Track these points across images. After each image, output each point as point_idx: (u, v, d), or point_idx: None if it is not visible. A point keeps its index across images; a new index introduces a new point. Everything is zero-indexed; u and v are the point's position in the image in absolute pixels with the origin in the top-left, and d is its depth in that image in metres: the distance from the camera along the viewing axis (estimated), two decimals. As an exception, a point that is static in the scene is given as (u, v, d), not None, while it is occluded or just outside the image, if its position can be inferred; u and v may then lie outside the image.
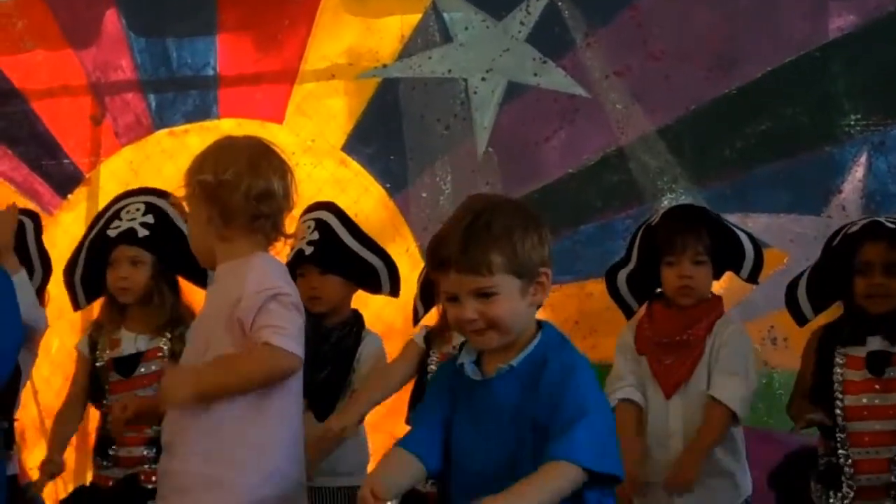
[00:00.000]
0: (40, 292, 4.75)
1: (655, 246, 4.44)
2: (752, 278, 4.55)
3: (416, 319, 4.68)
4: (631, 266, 4.51)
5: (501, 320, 3.11)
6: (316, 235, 4.53)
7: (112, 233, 4.47)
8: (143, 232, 4.42)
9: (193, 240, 3.56)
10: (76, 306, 4.71)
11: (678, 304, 4.40)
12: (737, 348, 4.38)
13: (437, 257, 3.14)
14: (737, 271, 4.52)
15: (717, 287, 4.75)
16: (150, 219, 4.42)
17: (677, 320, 4.37)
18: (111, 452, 4.50)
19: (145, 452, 4.45)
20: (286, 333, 3.32)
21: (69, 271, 4.63)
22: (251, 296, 3.35)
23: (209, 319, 3.49)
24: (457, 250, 3.08)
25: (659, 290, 4.50)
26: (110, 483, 4.50)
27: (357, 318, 4.66)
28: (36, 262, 4.75)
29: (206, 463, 3.37)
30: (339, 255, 4.53)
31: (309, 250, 4.51)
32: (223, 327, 3.39)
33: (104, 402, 4.53)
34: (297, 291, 3.51)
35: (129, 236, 4.43)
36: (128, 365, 4.48)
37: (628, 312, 4.57)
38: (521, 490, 2.95)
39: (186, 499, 3.38)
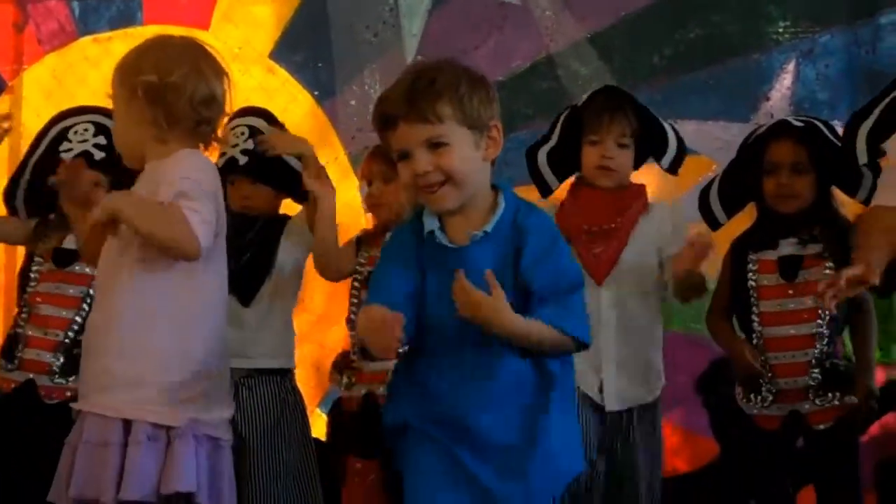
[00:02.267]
0: None
1: (579, 124, 4.38)
2: (673, 169, 4.49)
3: None
4: (552, 143, 4.46)
5: (456, 171, 3.15)
6: (250, 144, 4.53)
7: (66, 155, 4.46)
8: (99, 154, 4.44)
9: (122, 139, 3.55)
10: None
11: (597, 185, 4.34)
12: (680, 234, 4.32)
13: (383, 115, 3.18)
14: (658, 160, 4.46)
15: (648, 185, 4.83)
16: (102, 140, 4.43)
17: (605, 207, 4.31)
18: (17, 353, 4.51)
19: (52, 360, 4.47)
20: (199, 219, 3.32)
21: (10, 190, 4.64)
22: (170, 184, 3.37)
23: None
24: (403, 103, 3.13)
25: (578, 174, 4.45)
26: (11, 387, 4.50)
27: (284, 217, 4.66)
28: None
29: (125, 360, 3.39)
30: (272, 166, 4.52)
31: (243, 160, 4.51)
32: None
33: (27, 289, 4.56)
34: (220, 187, 3.53)
35: (86, 159, 4.38)
36: (66, 258, 4.52)
37: (545, 191, 4.48)
38: (526, 321, 3.10)
39: (107, 396, 3.39)
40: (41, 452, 3.92)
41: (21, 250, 4.82)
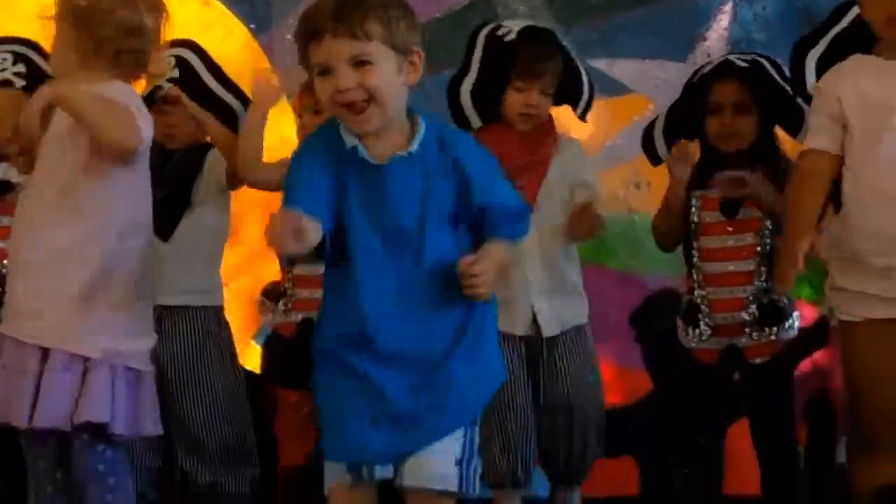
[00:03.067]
0: None
1: (505, 61, 4.31)
2: (583, 117, 4.49)
3: None
4: (473, 78, 4.37)
5: (380, 91, 3.09)
6: (176, 73, 4.43)
7: None
8: (19, 82, 4.35)
9: (54, 63, 3.55)
10: None
11: (516, 128, 4.31)
12: (585, 165, 4.40)
13: (310, 26, 3.12)
14: (573, 106, 4.45)
15: (582, 131, 4.78)
16: (21, 68, 4.36)
17: (522, 143, 4.29)
18: None
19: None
20: (139, 115, 3.38)
21: None
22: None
23: (53, 138, 3.47)
24: (332, 16, 3.06)
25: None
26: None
27: (205, 144, 4.55)
28: None
29: (46, 288, 3.36)
30: (198, 95, 4.43)
31: (168, 86, 4.41)
32: (65, 139, 3.41)
33: None
34: (150, 118, 3.52)
35: (5, 86, 4.35)
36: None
37: (465, 127, 4.35)
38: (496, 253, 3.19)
39: (26, 322, 3.38)
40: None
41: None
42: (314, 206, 3.07)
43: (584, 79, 4.45)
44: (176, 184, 4.41)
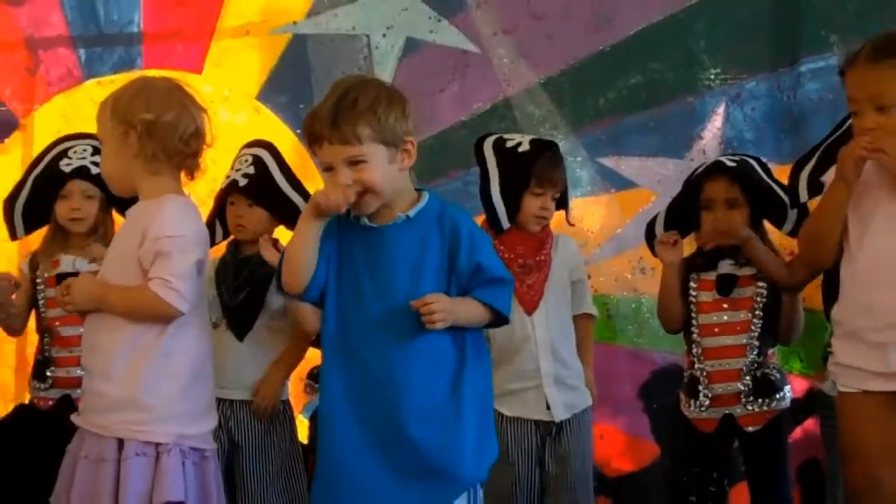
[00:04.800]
0: None
1: (523, 172, 4.34)
2: (568, 217, 4.52)
3: None
4: (498, 183, 4.36)
5: (373, 184, 3.22)
6: (252, 170, 4.48)
7: (66, 168, 4.43)
8: (95, 170, 4.36)
9: (114, 168, 3.53)
10: (13, 236, 4.59)
11: (529, 229, 4.34)
12: (580, 264, 4.48)
13: (311, 133, 3.26)
14: (566, 211, 4.47)
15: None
16: (98, 158, 4.34)
17: (531, 244, 4.32)
18: (49, 374, 4.44)
19: (81, 374, 4.38)
20: (170, 286, 3.36)
21: (10, 203, 4.52)
22: (152, 241, 3.38)
23: (120, 251, 3.50)
24: (328, 125, 3.20)
25: None
26: (50, 403, 4.44)
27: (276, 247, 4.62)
28: None
29: (120, 385, 3.37)
30: (268, 191, 4.49)
31: (242, 182, 4.46)
32: (132, 260, 3.42)
33: (42, 316, 4.46)
34: (205, 231, 3.54)
35: (82, 172, 4.41)
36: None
37: (499, 229, 4.34)
38: (464, 301, 3.24)
39: (101, 416, 3.38)
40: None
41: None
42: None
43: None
44: (252, 291, 4.42)
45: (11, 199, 4.54)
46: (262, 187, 4.47)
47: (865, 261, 3.33)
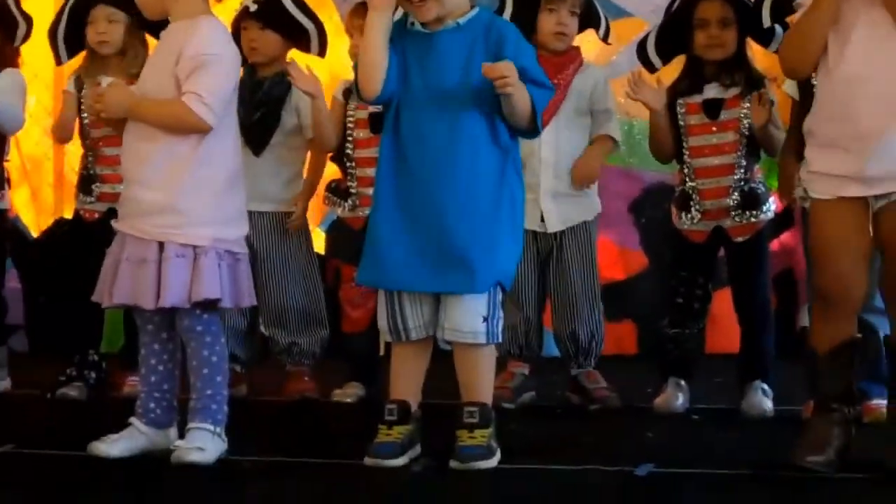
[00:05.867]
0: (24, 40, 4.69)
1: None
2: (606, 38, 4.57)
3: None
4: (510, 9, 4.39)
5: None
6: None
7: None
8: None
9: None
10: (59, 61, 4.66)
11: (550, 48, 4.35)
12: (607, 93, 4.48)
13: None
14: (596, 29, 4.52)
15: (589, 51, 4.83)
16: None
17: (550, 65, 4.24)
18: (94, 188, 4.53)
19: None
20: (201, 101, 3.37)
21: (53, 31, 4.58)
22: (189, 59, 3.39)
23: (155, 69, 3.51)
24: None
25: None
26: (95, 216, 4.53)
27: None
28: (19, 18, 4.64)
29: (160, 192, 3.40)
30: (278, 14, 4.53)
31: (253, 8, 4.52)
32: (168, 77, 3.43)
33: (87, 136, 4.55)
34: (237, 52, 3.55)
35: None
36: None
37: None
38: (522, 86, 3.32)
39: (143, 221, 3.42)
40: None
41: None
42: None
43: (600, 9, 4.53)
44: (267, 108, 4.51)
45: (53, 28, 4.60)
46: (272, 12, 4.51)
47: (846, 71, 3.27)
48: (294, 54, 4.62)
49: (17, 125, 4.62)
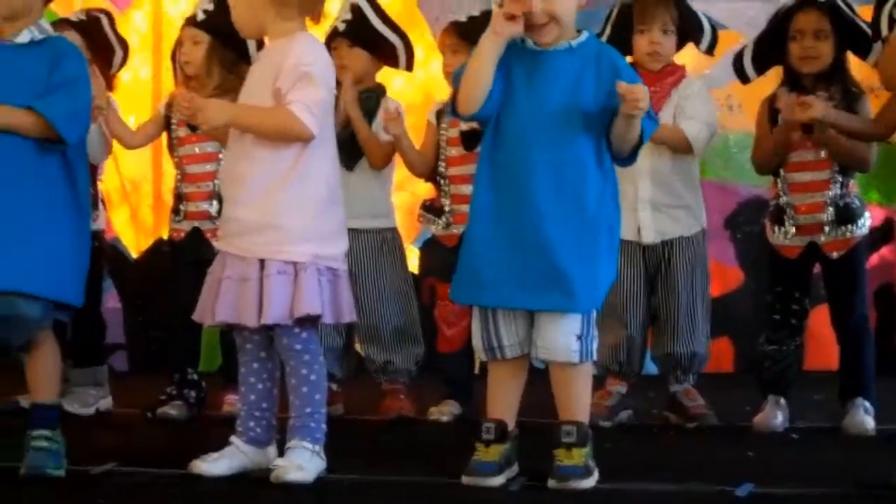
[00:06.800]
0: (121, 66, 4.83)
1: (630, 19, 4.45)
2: (710, 51, 4.57)
3: None
4: (606, 35, 4.46)
5: (561, 14, 3.35)
6: (349, 16, 4.61)
7: (174, 13, 4.70)
8: (201, 16, 4.42)
9: (245, 11, 3.53)
10: (176, 84, 4.76)
11: (647, 67, 4.38)
12: (697, 99, 4.46)
13: None
14: (697, 43, 4.54)
15: (683, 60, 4.81)
16: (209, 5, 4.40)
17: (647, 81, 4.14)
18: (181, 208, 4.61)
19: (208, 207, 4.55)
20: (307, 109, 3.38)
21: (173, 54, 4.74)
22: (290, 69, 3.41)
23: (255, 86, 3.52)
24: None
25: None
26: (182, 235, 4.61)
27: (379, 87, 4.72)
28: (116, 45, 4.78)
29: (259, 210, 3.42)
30: (366, 33, 4.61)
31: (342, 27, 4.60)
32: (268, 92, 3.44)
33: (174, 155, 4.64)
34: (333, 67, 3.56)
35: (191, 19, 4.51)
36: None
37: None
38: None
39: (243, 240, 3.44)
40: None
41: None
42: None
43: (705, 20, 4.52)
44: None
45: (174, 51, 4.74)
46: (360, 28, 4.59)
47: None
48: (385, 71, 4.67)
49: (107, 150, 4.71)
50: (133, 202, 6.25)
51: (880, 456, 3.71)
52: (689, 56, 4.73)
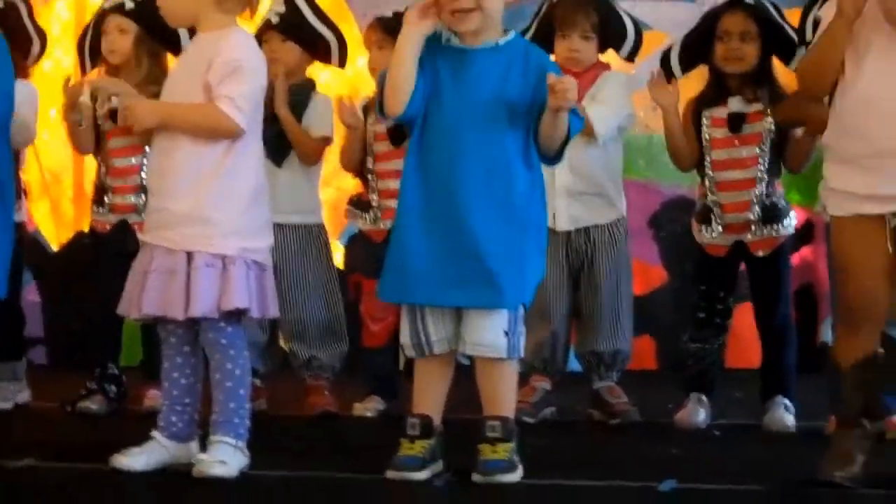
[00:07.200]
0: (38, 57, 4.75)
1: (551, 20, 4.46)
2: (630, 58, 4.58)
3: None
4: (529, 35, 4.45)
5: (487, 4, 3.32)
6: (282, 8, 4.57)
7: (106, 5, 4.54)
8: (129, 5, 4.42)
9: (178, 1, 3.49)
10: (83, 71, 4.69)
11: (567, 71, 4.28)
12: (611, 88, 4.47)
13: None
14: (617, 50, 4.55)
15: (609, 60, 4.83)
16: None
17: None
18: (106, 200, 4.55)
19: (135, 200, 4.49)
20: (236, 105, 3.37)
21: (80, 42, 4.67)
22: (221, 64, 3.39)
23: (183, 77, 3.50)
24: None
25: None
26: (107, 227, 4.57)
27: (309, 82, 4.69)
28: (34, 34, 4.69)
29: (187, 202, 3.39)
30: (300, 28, 4.57)
31: (275, 20, 4.56)
32: (198, 84, 3.42)
33: (100, 148, 4.57)
34: (265, 63, 3.55)
35: (118, 8, 4.46)
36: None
37: None
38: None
39: (171, 232, 3.41)
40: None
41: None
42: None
43: (629, 24, 4.52)
44: None
45: (81, 39, 4.68)
46: (294, 23, 4.56)
47: (861, 89, 3.27)
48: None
49: (28, 137, 4.64)
50: (54, 194, 6.16)
51: (801, 452, 3.76)
52: (615, 55, 4.76)
